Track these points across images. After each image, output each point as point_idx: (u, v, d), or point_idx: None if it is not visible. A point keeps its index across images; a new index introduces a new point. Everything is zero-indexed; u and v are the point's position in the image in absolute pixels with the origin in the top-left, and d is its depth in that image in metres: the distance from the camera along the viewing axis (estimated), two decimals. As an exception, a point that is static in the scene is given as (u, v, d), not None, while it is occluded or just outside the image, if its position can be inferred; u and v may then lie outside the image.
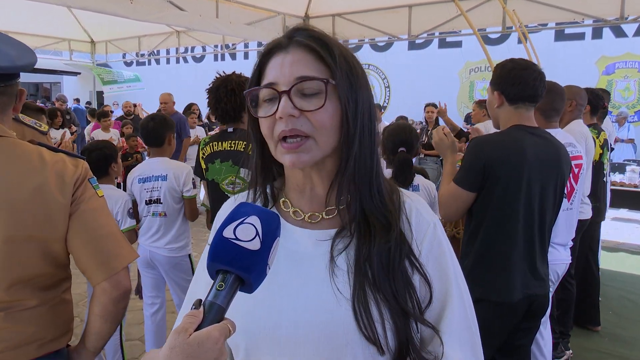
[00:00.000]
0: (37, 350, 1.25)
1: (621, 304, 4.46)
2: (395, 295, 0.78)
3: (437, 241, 0.85)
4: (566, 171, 2.16)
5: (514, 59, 2.16)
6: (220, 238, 0.68)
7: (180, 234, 3.12)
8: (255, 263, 0.67)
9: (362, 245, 0.81)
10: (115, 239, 1.31)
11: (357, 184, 0.83)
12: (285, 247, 0.84)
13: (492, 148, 2.06)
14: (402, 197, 0.88)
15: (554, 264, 2.57)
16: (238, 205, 0.73)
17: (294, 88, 0.78)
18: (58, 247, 1.26)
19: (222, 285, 0.66)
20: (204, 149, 2.74)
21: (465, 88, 13.25)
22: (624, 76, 11.37)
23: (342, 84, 0.80)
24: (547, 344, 2.66)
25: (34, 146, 1.29)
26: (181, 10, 6.11)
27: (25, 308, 1.23)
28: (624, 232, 6.98)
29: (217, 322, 0.64)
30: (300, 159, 0.80)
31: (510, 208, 2.02)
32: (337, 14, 7.43)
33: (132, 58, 13.35)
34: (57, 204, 1.24)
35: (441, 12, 6.76)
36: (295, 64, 0.80)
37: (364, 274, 0.79)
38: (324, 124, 0.79)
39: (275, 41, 0.84)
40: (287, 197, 0.90)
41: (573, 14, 5.98)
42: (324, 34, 0.84)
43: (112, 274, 1.28)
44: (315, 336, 0.79)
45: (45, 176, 1.23)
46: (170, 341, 0.62)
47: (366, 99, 0.84)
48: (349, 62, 0.83)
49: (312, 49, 0.81)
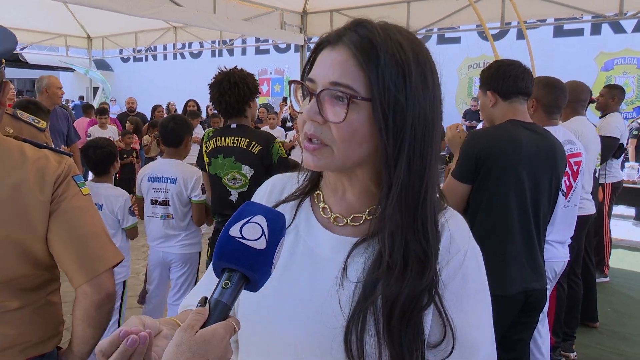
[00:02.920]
0: (20, 353, 1.21)
1: (620, 301, 4.47)
2: (402, 343, 0.72)
3: (461, 272, 0.77)
4: (561, 166, 2.17)
5: (498, 60, 2.25)
6: (226, 237, 0.68)
7: (190, 232, 3.17)
8: (261, 262, 0.67)
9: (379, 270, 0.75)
10: (98, 239, 1.25)
11: (402, 213, 0.75)
12: (306, 243, 0.83)
13: (486, 140, 2.08)
14: (441, 217, 0.81)
15: (551, 262, 2.57)
16: (245, 204, 0.73)
17: (325, 92, 0.74)
18: (38, 248, 1.20)
19: (228, 284, 0.66)
20: (207, 143, 2.77)
21: (464, 84, 13.23)
22: (622, 72, 11.36)
23: (379, 100, 0.71)
24: (545, 342, 2.66)
25: (16, 142, 1.23)
26: (178, 5, 6.08)
27: (6, 310, 1.18)
28: (623, 229, 6.98)
29: (223, 319, 0.64)
30: (315, 162, 0.77)
31: (502, 200, 2.03)
32: (335, 9, 7.41)
33: (129, 54, 13.29)
34: (36, 202, 1.18)
35: (440, 8, 6.75)
36: (335, 66, 0.74)
37: (372, 301, 0.73)
38: (344, 137, 0.73)
39: (328, 35, 0.78)
40: (321, 191, 0.87)
41: (572, 10, 5.97)
42: (379, 35, 0.73)
43: (93, 276, 1.21)
44: (305, 342, 0.77)
45: (24, 173, 1.17)
46: (177, 338, 0.61)
47: (421, 116, 0.74)
48: (403, 72, 0.72)
49: (356, 53, 0.73)
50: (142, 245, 5.26)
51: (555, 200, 2.19)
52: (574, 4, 5.87)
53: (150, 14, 5.88)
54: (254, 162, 2.65)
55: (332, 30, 0.78)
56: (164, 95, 13.95)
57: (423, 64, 0.76)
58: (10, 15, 8.29)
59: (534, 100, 2.61)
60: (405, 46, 0.74)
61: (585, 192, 3.34)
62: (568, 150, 2.60)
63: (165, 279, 3.24)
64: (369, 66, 0.72)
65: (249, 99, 2.72)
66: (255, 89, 2.77)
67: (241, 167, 2.66)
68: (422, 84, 0.75)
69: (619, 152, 4.58)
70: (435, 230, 0.77)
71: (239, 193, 2.69)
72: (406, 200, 0.75)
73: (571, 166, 2.61)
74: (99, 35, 10.72)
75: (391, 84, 0.72)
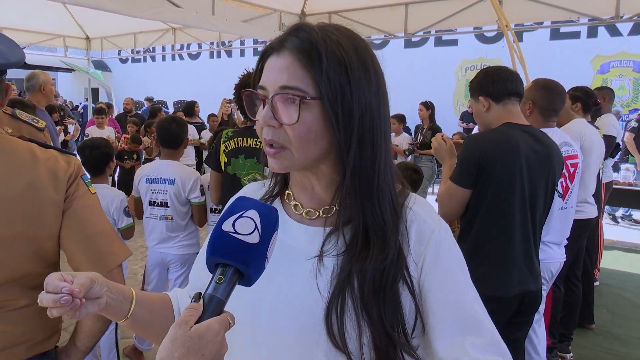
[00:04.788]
0: (26, 351, 1.23)
1: (616, 302, 4.49)
2: (381, 317, 0.76)
3: (442, 248, 0.82)
4: (557, 168, 2.18)
5: (484, 68, 2.27)
6: (219, 232, 0.68)
7: (189, 233, 3.17)
8: (254, 256, 0.68)
9: (353, 255, 0.79)
10: (108, 236, 1.29)
11: (358, 198, 0.80)
12: (280, 239, 0.85)
13: (486, 144, 2.09)
14: (406, 203, 0.85)
15: (548, 262, 2.58)
16: (237, 198, 0.74)
17: (277, 97, 0.77)
18: (49, 246, 1.23)
19: (222, 279, 0.66)
20: (227, 142, 2.75)
21: (461, 86, 13.25)
22: (618, 75, 11.41)
23: (327, 98, 0.75)
24: (542, 342, 2.67)
25: (25, 142, 1.25)
26: (177, 7, 6.08)
27: (15, 308, 1.20)
28: (619, 231, 7.01)
29: (217, 314, 0.64)
30: (279, 165, 0.80)
31: (505, 204, 2.04)
32: (334, 11, 7.42)
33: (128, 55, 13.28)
34: (50, 201, 1.21)
35: (437, 10, 6.76)
36: (282, 71, 0.77)
37: (349, 282, 0.78)
38: (300, 137, 0.77)
39: (271, 42, 0.81)
40: (291, 190, 0.91)
41: (568, 13, 5.99)
42: (319, 36, 0.77)
43: (106, 271, 1.25)
44: (290, 330, 0.80)
45: (37, 173, 1.20)
46: (171, 334, 0.62)
47: (367, 107, 0.78)
48: (346, 69, 0.77)
49: (300, 56, 0.76)
50: (140, 245, 5.26)
51: (550, 202, 2.20)
52: (570, 7, 5.90)
53: (149, 15, 5.88)
54: None
55: (274, 38, 0.81)
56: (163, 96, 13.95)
57: (363, 56, 0.80)
58: (9, 15, 8.30)
59: (530, 103, 2.62)
60: (344, 43, 0.78)
61: (588, 195, 3.34)
62: (565, 152, 2.62)
63: (163, 279, 3.24)
64: (313, 67, 0.75)
65: None
66: None
67: (263, 169, 2.66)
68: (364, 76, 0.79)
69: (615, 151, 4.62)
70: (393, 211, 0.82)
71: None
72: (361, 186, 0.79)
73: (568, 168, 2.63)
74: (97, 36, 10.70)
75: (336, 81, 0.76)
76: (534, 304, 2.19)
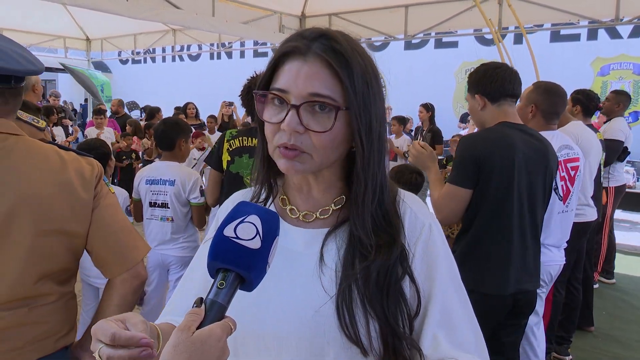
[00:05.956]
0: (54, 344, 1.28)
1: (615, 305, 4.49)
2: (385, 313, 0.78)
3: (431, 242, 0.84)
4: (554, 167, 2.18)
5: (484, 63, 2.24)
6: (221, 237, 0.68)
7: (189, 235, 3.18)
8: (256, 262, 0.68)
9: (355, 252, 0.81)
10: (130, 232, 1.38)
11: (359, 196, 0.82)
12: (279, 244, 0.85)
13: (484, 143, 2.08)
14: (398, 198, 0.88)
15: (547, 265, 2.58)
16: (238, 204, 0.74)
17: (305, 104, 0.76)
18: (79, 242, 1.31)
19: (223, 284, 0.66)
20: (231, 142, 2.79)
21: (462, 88, 13.26)
22: (618, 77, 11.41)
23: (355, 108, 0.77)
24: (541, 344, 2.67)
25: (48, 145, 1.34)
26: (177, 8, 6.08)
27: (46, 303, 1.27)
28: (618, 233, 7.00)
29: (219, 320, 0.64)
30: (294, 167, 0.80)
31: (503, 203, 2.04)
32: (334, 13, 7.42)
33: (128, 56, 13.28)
34: (81, 200, 1.29)
35: (437, 13, 6.77)
36: (311, 77, 0.76)
37: (354, 276, 0.79)
38: (325, 145, 0.78)
39: (294, 44, 0.79)
40: (285, 195, 0.91)
41: (569, 15, 6.00)
42: (346, 46, 0.78)
43: (132, 265, 1.34)
44: (298, 332, 0.80)
45: (68, 173, 1.28)
46: (173, 339, 0.62)
47: (380, 114, 0.82)
48: (367, 80, 0.79)
49: (330, 64, 0.77)
50: (140, 247, 5.25)
51: (548, 200, 2.19)
52: (570, 10, 5.91)
53: (149, 16, 5.88)
54: None
55: (292, 39, 0.80)
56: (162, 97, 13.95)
57: (375, 70, 0.83)
58: (10, 16, 8.30)
59: (533, 106, 2.62)
60: (364, 55, 0.81)
61: (586, 198, 3.34)
62: (565, 155, 2.62)
63: (164, 280, 3.24)
64: (344, 77, 0.77)
65: None
66: None
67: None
68: (377, 88, 0.82)
69: (623, 155, 4.60)
70: (393, 209, 0.85)
71: None
72: (369, 188, 0.82)
73: (568, 171, 2.62)
74: (97, 37, 10.72)
75: (361, 91, 0.78)
76: (529, 306, 2.18)
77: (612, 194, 4.74)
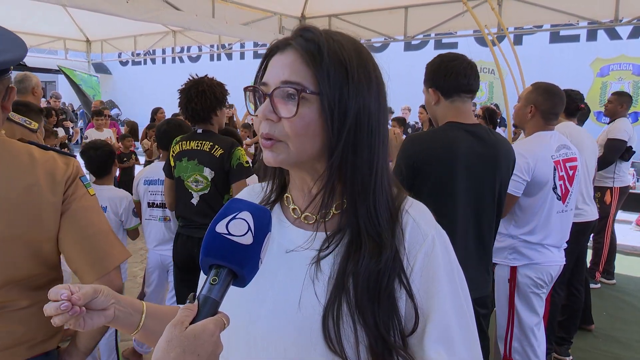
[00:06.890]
0: (27, 351, 1.23)
1: (615, 305, 4.49)
2: (376, 321, 0.76)
3: (433, 256, 0.80)
4: (505, 169, 2.07)
5: (442, 54, 2.11)
6: (213, 233, 0.69)
7: None
8: (248, 257, 0.68)
9: (349, 259, 0.79)
10: (106, 237, 1.29)
11: (354, 200, 0.80)
12: (279, 242, 0.85)
13: (421, 145, 2.01)
14: (402, 206, 0.85)
15: (547, 266, 2.58)
16: (230, 201, 0.75)
17: (277, 91, 0.78)
18: (49, 247, 1.24)
19: (216, 279, 0.67)
20: (174, 147, 2.81)
21: (461, 89, 13.27)
22: (618, 78, 11.43)
23: (327, 93, 0.77)
24: (541, 344, 2.67)
25: (23, 144, 1.26)
26: (177, 9, 6.09)
27: (16, 309, 1.21)
28: (618, 234, 7.00)
29: (212, 315, 0.65)
30: (273, 157, 0.80)
31: (441, 208, 1.92)
32: (334, 14, 7.43)
33: (128, 57, 13.29)
34: (48, 203, 1.21)
35: (437, 14, 6.77)
36: (285, 66, 0.79)
37: (344, 288, 0.77)
38: (297, 132, 0.78)
39: (278, 42, 0.83)
40: (290, 194, 0.91)
41: (568, 16, 6.01)
42: (323, 37, 0.79)
43: (104, 273, 1.25)
44: (285, 334, 0.80)
45: (35, 175, 1.21)
46: (167, 334, 0.62)
47: (364, 108, 0.79)
48: (346, 69, 0.78)
49: (303, 53, 0.79)
50: (140, 248, 5.26)
51: (501, 203, 2.09)
52: (570, 11, 5.91)
53: (149, 17, 5.89)
54: (215, 165, 2.66)
55: (280, 39, 0.83)
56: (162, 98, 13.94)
57: (365, 61, 0.81)
58: (9, 18, 8.30)
59: (532, 106, 2.63)
60: (347, 46, 0.80)
61: (586, 198, 3.34)
62: (564, 155, 2.62)
63: (163, 281, 3.25)
64: (315, 64, 0.77)
65: (216, 107, 2.76)
66: (223, 98, 2.80)
67: (203, 169, 2.68)
68: (365, 79, 0.80)
69: (627, 154, 4.60)
70: (388, 215, 0.82)
71: (200, 196, 2.70)
72: (358, 188, 0.80)
73: (567, 171, 2.63)
74: (98, 38, 10.73)
75: (336, 79, 0.77)
76: None
77: (616, 195, 4.73)
